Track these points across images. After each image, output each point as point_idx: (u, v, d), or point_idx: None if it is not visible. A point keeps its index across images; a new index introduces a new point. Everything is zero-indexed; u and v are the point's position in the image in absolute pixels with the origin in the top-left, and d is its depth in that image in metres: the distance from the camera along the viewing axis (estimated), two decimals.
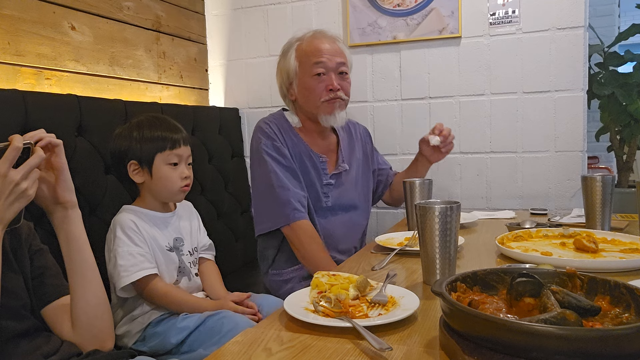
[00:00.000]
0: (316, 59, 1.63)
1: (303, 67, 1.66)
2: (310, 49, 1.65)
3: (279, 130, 1.66)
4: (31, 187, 0.91)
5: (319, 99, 1.64)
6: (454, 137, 1.75)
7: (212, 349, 1.24)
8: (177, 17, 2.29)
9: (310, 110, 1.68)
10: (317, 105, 1.65)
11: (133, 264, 1.31)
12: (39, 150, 0.94)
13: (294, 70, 1.67)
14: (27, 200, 0.92)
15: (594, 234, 1.29)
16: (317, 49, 1.64)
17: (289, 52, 1.68)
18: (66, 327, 1.05)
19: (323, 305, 0.89)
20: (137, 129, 1.39)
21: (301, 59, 1.66)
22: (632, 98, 2.45)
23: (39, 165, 0.93)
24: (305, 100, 1.67)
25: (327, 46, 1.65)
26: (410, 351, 0.73)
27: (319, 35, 1.68)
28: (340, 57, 1.66)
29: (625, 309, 0.70)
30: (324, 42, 1.66)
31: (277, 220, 1.58)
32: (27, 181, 0.91)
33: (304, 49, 1.66)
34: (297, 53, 1.67)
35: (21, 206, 0.91)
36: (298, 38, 1.70)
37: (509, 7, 2.05)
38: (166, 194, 1.42)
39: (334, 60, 1.64)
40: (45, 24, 1.63)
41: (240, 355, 0.75)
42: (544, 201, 2.07)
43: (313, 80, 1.64)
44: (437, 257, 1.03)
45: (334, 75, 1.65)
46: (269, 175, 1.59)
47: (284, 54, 1.71)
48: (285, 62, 1.69)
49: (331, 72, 1.64)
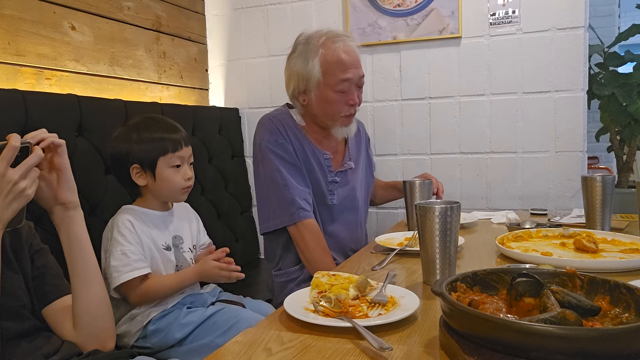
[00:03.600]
0: (343, 75, 1.56)
1: (327, 80, 1.57)
2: (337, 61, 1.56)
3: (283, 127, 1.62)
4: (30, 187, 0.91)
5: (338, 114, 1.61)
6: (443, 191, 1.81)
7: (219, 340, 1.25)
8: (177, 17, 2.29)
9: (325, 120, 1.64)
10: (335, 118, 1.63)
11: (125, 264, 1.30)
12: (38, 149, 0.93)
13: (315, 79, 1.58)
14: (26, 200, 0.91)
15: (594, 234, 1.29)
16: (345, 62, 1.57)
17: (311, 58, 1.57)
18: (67, 327, 1.05)
19: (323, 305, 0.89)
20: (136, 131, 1.38)
21: (327, 70, 1.57)
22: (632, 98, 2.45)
23: (37, 164, 0.92)
24: (322, 111, 1.62)
25: (353, 58, 1.59)
26: (410, 351, 0.73)
27: (344, 46, 1.59)
28: (361, 69, 1.62)
29: (625, 309, 0.70)
30: (350, 53, 1.59)
31: (282, 219, 1.56)
32: (26, 180, 0.90)
33: (330, 61, 1.57)
34: (323, 63, 1.57)
35: (20, 206, 0.91)
36: (322, 43, 1.58)
37: (509, 7, 2.05)
38: (169, 194, 1.43)
39: (358, 74, 1.59)
40: (46, 24, 1.63)
41: (240, 355, 0.75)
42: (544, 201, 2.07)
43: (336, 95, 1.58)
44: (437, 257, 1.03)
45: (356, 89, 1.61)
46: (273, 172, 1.57)
47: (303, 57, 1.60)
48: (304, 66, 1.59)
49: (353, 85, 1.60)
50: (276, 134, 1.60)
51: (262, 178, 1.62)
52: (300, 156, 1.62)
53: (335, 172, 1.69)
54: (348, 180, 1.72)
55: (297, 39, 1.66)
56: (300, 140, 1.64)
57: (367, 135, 1.93)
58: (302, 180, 1.60)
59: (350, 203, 1.72)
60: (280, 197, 1.56)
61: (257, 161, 1.63)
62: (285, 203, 1.55)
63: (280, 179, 1.56)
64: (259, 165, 1.62)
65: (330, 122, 1.64)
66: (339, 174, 1.70)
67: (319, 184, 1.65)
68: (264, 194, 1.62)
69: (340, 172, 1.70)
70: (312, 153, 1.65)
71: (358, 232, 1.78)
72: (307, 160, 1.64)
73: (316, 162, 1.65)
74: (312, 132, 1.68)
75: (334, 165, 1.70)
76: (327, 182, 1.67)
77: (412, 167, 2.25)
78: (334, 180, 1.68)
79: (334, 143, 1.73)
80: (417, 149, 2.25)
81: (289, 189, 1.55)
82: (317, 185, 1.65)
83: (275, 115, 1.65)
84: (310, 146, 1.65)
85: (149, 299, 1.35)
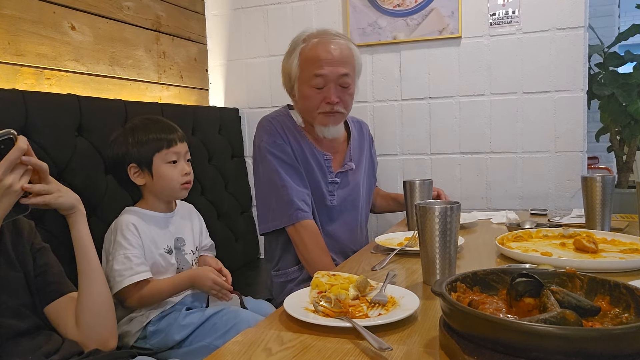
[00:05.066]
0: (317, 70, 1.54)
1: (303, 75, 1.58)
2: (312, 57, 1.55)
3: (282, 128, 1.62)
4: (17, 182, 0.89)
5: (315, 110, 1.59)
6: None
7: (218, 342, 1.25)
8: (177, 17, 2.29)
9: (306, 117, 1.65)
10: (313, 115, 1.61)
11: (128, 268, 1.31)
12: (21, 141, 0.90)
13: (295, 74, 1.60)
14: (16, 195, 0.90)
15: (594, 235, 1.29)
16: (320, 58, 1.54)
17: (293, 53, 1.60)
18: (70, 325, 1.05)
19: (323, 305, 0.89)
20: (132, 134, 1.40)
21: (302, 65, 1.58)
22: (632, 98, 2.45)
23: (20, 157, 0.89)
24: (303, 107, 1.63)
25: (332, 54, 1.54)
26: (410, 351, 0.73)
27: (325, 40, 1.57)
28: (344, 67, 1.56)
29: (625, 309, 0.70)
30: (330, 49, 1.55)
31: (280, 220, 1.57)
32: (12, 176, 0.88)
33: (306, 55, 1.57)
34: (300, 57, 1.58)
35: (11, 201, 0.90)
36: (304, 38, 1.60)
37: (509, 7, 2.06)
38: (168, 192, 1.43)
39: (336, 71, 1.54)
40: (45, 24, 1.63)
41: (240, 355, 0.75)
42: (544, 201, 2.07)
43: (311, 90, 1.57)
44: (437, 257, 1.03)
45: (334, 87, 1.56)
46: (272, 173, 1.57)
47: (289, 53, 1.63)
48: (288, 62, 1.62)
49: (331, 83, 1.56)
50: (275, 136, 1.60)
51: (261, 179, 1.62)
52: (299, 157, 1.62)
53: (336, 173, 1.68)
54: (349, 181, 1.72)
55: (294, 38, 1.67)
56: (299, 141, 1.64)
57: (371, 136, 1.93)
58: (301, 181, 1.60)
59: (350, 204, 1.72)
60: (279, 198, 1.56)
61: (257, 162, 1.64)
62: (283, 204, 1.55)
63: (278, 180, 1.56)
64: (258, 166, 1.63)
65: (310, 119, 1.64)
66: (339, 174, 1.69)
67: (319, 184, 1.65)
68: (263, 195, 1.63)
69: (341, 173, 1.70)
70: (311, 154, 1.65)
71: (358, 233, 1.78)
72: (306, 161, 1.63)
73: (316, 163, 1.65)
74: (311, 132, 1.68)
75: (335, 166, 1.69)
76: (327, 183, 1.67)
77: (412, 167, 2.25)
78: (334, 181, 1.68)
79: (335, 143, 1.73)
80: (417, 149, 2.25)
81: (287, 190, 1.55)
82: (317, 186, 1.64)
83: (275, 117, 1.66)
84: (309, 147, 1.65)
85: (144, 304, 1.35)
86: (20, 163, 0.90)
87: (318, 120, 1.62)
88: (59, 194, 1.01)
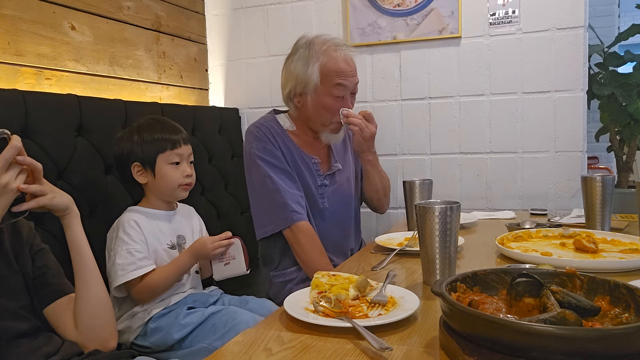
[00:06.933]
0: (340, 80, 1.59)
1: (325, 85, 1.59)
2: (336, 69, 1.59)
3: (271, 133, 1.64)
4: (13, 181, 0.89)
5: (331, 119, 1.63)
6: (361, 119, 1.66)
7: (217, 344, 1.26)
8: (177, 17, 2.29)
9: (316, 124, 1.66)
10: (326, 124, 1.64)
11: (130, 262, 1.32)
12: (14, 140, 0.89)
13: (313, 83, 1.59)
14: (12, 195, 0.90)
15: (594, 234, 1.29)
16: (342, 69, 1.59)
17: (312, 63, 1.59)
18: (69, 326, 1.05)
19: (323, 305, 0.89)
20: (138, 132, 1.43)
21: (325, 76, 1.59)
22: (632, 98, 2.44)
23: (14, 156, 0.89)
24: (317, 115, 1.64)
25: (350, 65, 1.62)
26: (410, 351, 0.73)
27: (345, 55, 1.62)
28: (356, 76, 1.64)
29: (625, 309, 0.70)
30: (349, 63, 1.62)
31: (277, 224, 1.58)
32: (7, 175, 0.88)
33: (331, 68, 1.59)
34: (323, 69, 1.59)
35: (8, 200, 0.89)
36: (324, 50, 1.59)
37: (509, 7, 2.05)
38: (168, 192, 1.45)
39: (353, 81, 1.62)
40: (45, 24, 1.63)
41: (240, 355, 0.75)
42: (544, 201, 2.07)
43: (332, 100, 1.60)
44: (437, 257, 1.03)
45: (350, 96, 1.63)
46: (264, 179, 1.59)
47: (303, 61, 1.61)
48: (304, 70, 1.60)
49: (348, 93, 1.62)
50: (264, 141, 1.62)
51: (254, 185, 1.63)
52: (289, 161, 1.64)
53: (324, 175, 1.70)
54: (336, 181, 1.73)
55: (298, 41, 1.66)
56: (288, 146, 1.66)
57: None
58: (293, 184, 1.61)
59: (341, 203, 1.73)
60: (273, 201, 1.57)
61: (249, 169, 1.65)
62: (278, 207, 1.56)
63: (271, 184, 1.57)
64: (251, 172, 1.64)
65: (321, 127, 1.66)
66: (327, 177, 1.71)
67: (310, 188, 1.66)
68: (258, 200, 1.64)
69: (329, 175, 1.72)
70: (300, 158, 1.66)
71: (353, 230, 1.79)
72: (296, 165, 1.65)
73: (305, 167, 1.67)
74: (300, 135, 1.69)
75: (323, 169, 1.71)
76: (317, 186, 1.68)
77: (412, 167, 2.25)
78: (323, 183, 1.70)
79: (319, 143, 1.74)
80: (417, 149, 2.25)
81: (281, 193, 1.56)
82: (308, 190, 1.66)
83: (262, 123, 1.67)
84: (298, 151, 1.67)
85: (151, 294, 1.36)
86: (15, 162, 0.90)
87: (330, 129, 1.65)
88: (53, 195, 1.01)
